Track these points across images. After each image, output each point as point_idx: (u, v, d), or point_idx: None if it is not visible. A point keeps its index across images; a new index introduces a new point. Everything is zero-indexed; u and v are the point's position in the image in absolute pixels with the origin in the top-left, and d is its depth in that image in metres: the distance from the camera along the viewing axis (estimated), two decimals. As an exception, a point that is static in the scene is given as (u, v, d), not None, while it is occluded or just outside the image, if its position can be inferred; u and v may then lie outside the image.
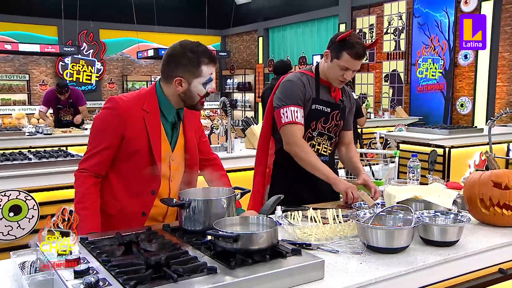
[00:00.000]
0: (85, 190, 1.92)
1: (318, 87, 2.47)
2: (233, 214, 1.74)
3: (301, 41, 13.64)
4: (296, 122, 2.37)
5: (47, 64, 14.14)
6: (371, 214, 1.84)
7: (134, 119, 1.92)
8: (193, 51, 1.91)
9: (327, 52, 2.44)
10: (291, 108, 2.37)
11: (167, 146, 2.00)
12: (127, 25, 14.20)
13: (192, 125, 2.13)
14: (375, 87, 11.41)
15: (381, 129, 8.25)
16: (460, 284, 1.69)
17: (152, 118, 1.95)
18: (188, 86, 1.93)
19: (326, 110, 2.48)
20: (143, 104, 1.96)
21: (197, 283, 1.29)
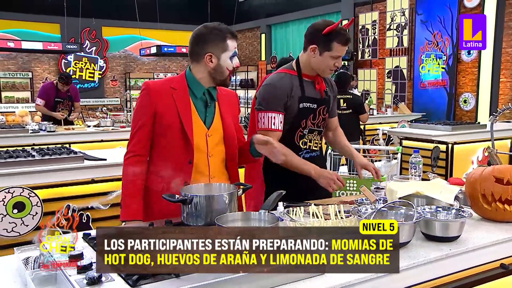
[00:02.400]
0: (130, 178, 2.04)
1: (302, 84, 2.46)
2: (235, 210, 1.75)
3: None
4: (271, 129, 2.38)
5: (50, 62, 14.18)
6: (373, 210, 1.84)
7: (163, 96, 2.05)
8: (217, 28, 2.07)
9: (314, 47, 2.40)
10: (268, 114, 2.38)
11: (199, 122, 2.09)
12: (130, 22, 14.23)
13: (228, 109, 2.20)
14: (378, 84, 11.40)
15: (384, 126, 8.24)
16: (462, 279, 1.70)
17: (180, 94, 2.08)
18: (218, 61, 2.06)
19: (313, 106, 2.48)
20: (172, 83, 2.10)
21: (199, 278, 1.30)
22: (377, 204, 1.99)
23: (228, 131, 2.16)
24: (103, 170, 3.76)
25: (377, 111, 9.82)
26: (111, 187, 3.75)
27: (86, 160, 3.79)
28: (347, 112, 5.86)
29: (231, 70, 2.10)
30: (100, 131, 6.37)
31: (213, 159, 2.11)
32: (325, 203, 2.25)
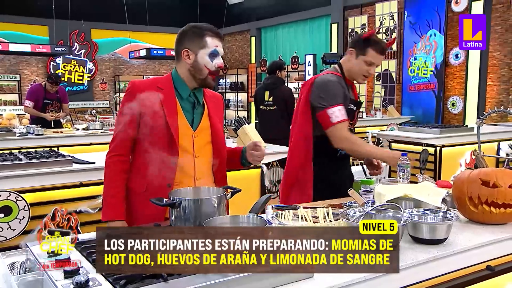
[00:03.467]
0: (112, 177, 2.03)
1: (347, 86, 2.68)
2: (224, 213, 1.75)
3: (294, 40, 13.67)
4: (344, 120, 2.56)
5: (38, 64, 14.08)
6: (361, 213, 1.85)
7: (150, 96, 2.02)
8: (196, 26, 2.09)
9: (352, 50, 2.64)
10: (338, 108, 2.55)
11: (185, 122, 2.07)
12: (119, 25, 14.17)
13: (216, 111, 2.20)
14: (367, 87, 11.46)
15: (373, 129, 8.29)
16: (449, 281, 1.71)
17: (166, 94, 2.06)
18: (195, 57, 2.05)
19: (353, 108, 2.71)
20: (158, 83, 2.09)
21: (187, 282, 1.30)
22: (366, 207, 1.99)
23: (216, 132, 2.16)
24: (92, 174, 3.73)
25: (366, 114, 9.88)
26: (100, 191, 3.70)
27: (74, 163, 3.76)
28: (337, 115, 5.88)
29: (211, 70, 2.06)
30: (89, 134, 6.33)
31: (199, 160, 2.10)
32: (314, 206, 2.25)
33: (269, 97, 6.07)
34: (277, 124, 5.97)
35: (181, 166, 2.05)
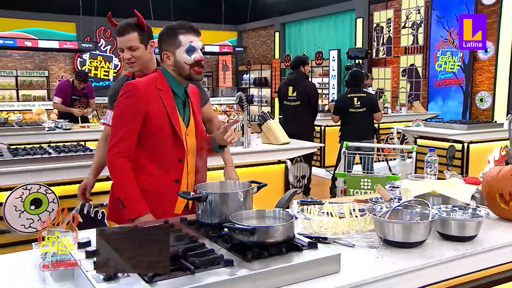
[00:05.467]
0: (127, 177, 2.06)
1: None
2: (250, 207, 1.76)
3: (318, 35, 13.57)
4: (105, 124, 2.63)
5: (65, 60, 14.31)
6: (388, 209, 1.83)
7: (152, 97, 2.09)
8: (169, 27, 2.16)
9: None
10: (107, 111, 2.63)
11: (181, 122, 2.16)
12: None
13: (196, 106, 2.27)
14: (392, 82, 11.31)
15: (398, 124, 8.18)
16: (478, 279, 1.68)
17: (166, 94, 2.13)
18: (174, 57, 2.12)
19: None
20: (156, 83, 2.14)
21: (214, 275, 1.31)
22: (392, 203, 1.97)
23: (198, 128, 2.24)
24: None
25: (391, 109, 9.75)
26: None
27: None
28: (361, 111, 5.83)
29: (191, 64, 2.10)
30: (115, 129, 6.40)
31: (190, 157, 2.19)
32: (340, 202, 2.24)
33: (293, 93, 6.05)
34: (300, 119, 5.95)
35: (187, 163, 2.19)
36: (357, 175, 3.65)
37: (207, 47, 14.58)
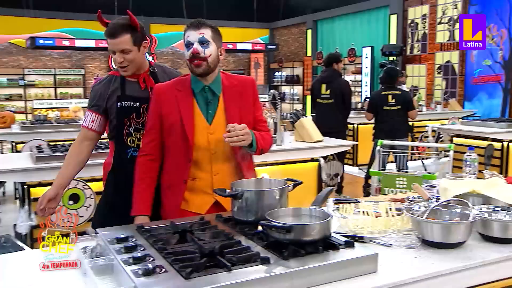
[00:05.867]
0: (140, 176, 2.16)
1: (123, 84, 2.37)
2: (286, 205, 1.75)
3: (351, 32, 13.41)
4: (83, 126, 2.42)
5: (101, 59, 14.62)
6: (426, 208, 1.79)
7: (168, 98, 2.14)
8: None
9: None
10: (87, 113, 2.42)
11: (202, 120, 2.11)
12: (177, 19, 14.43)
13: (237, 101, 2.16)
14: (427, 79, 11.07)
15: (433, 123, 8.02)
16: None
17: (183, 94, 2.13)
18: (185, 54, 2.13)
19: (135, 105, 2.35)
20: (177, 85, 2.17)
21: (250, 273, 1.31)
22: (431, 202, 1.93)
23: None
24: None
25: (426, 107, 9.55)
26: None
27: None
28: (395, 109, 5.73)
29: (189, 59, 2.08)
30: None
31: (216, 156, 2.11)
32: (376, 201, 2.21)
33: (326, 90, 6.00)
34: (334, 117, 5.89)
35: (198, 163, 2.11)
36: (392, 174, 3.59)
37: (239, 45, 14.62)
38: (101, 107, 2.36)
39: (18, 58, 13.54)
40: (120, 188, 2.32)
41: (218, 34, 2.14)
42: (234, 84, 2.18)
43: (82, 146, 2.39)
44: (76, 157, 2.38)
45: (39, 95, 13.55)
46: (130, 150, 2.35)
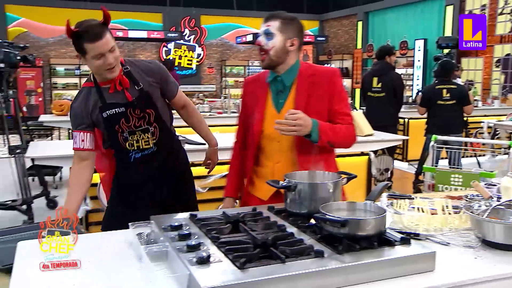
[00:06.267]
0: (231, 161, 2.38)
1: (101, 93, 2.25)
2: (339, 199, 1.72)
3: (403, 24, 13.05)
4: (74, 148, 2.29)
5: (152, 50, 14.93)
6: (487, 207, 1.72)
7: (250, 88, 2.28)
8: None
9: (77, 55, 2.18)
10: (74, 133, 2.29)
11: (272, 109, 2.16)
12: (227, 10, 14.54)
13: (312, 91, 2.11)
14: (484, 73, 10.64)
15: (489, 118, 7.70)
16: None
17: (261, 85, 2.21)
18: None
19: (121, 110, 2.26)
20: (260, 75, 2.26)
21: (304, 266, 1.29)
22: (492, 201, 1.85)
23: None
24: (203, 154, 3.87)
25: (482, 102, 9.18)
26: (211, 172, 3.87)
27: (187, 144, 3.93)
28: (450, 103, 5.53)
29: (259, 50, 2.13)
30: (198, 117, 6.58)
31: (281, 145, 2.12)
32: (431, 197, 2.14)
33: (377, 84, 5.86)
34: (385, 111, 5.76)
35: (265, 151, 2.19)
36: (447, 170, 3.47)
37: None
38: (87, 124, 2.26)
39: (75, 48, 14.04)
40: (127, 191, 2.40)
41: (289, 25, 2.11)
42: (309, 75, 2.14)
43: (80, 168, 2.27)
44: (78, 181, 2.26)
45: (93, 84, 14.02)
46: (132, 153, 2.34)
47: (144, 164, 2.36)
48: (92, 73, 2.27)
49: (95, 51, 2.07)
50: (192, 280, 1.24)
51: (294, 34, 2.12)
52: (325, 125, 2.03)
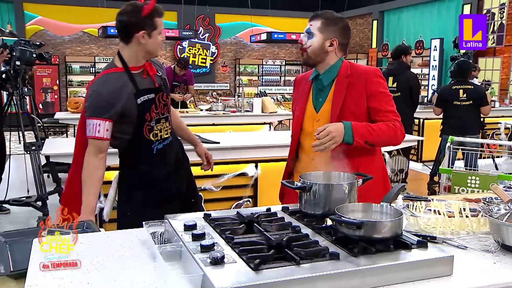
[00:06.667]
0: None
1: (133, 78, 2.26)
2: (355, 200, 1.70)
3: (419, 24, 12.92)
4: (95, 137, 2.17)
5: (166, 48, 14.97)
6: (507, 211, 1.68)
7: (297, 86, 2.36)
8: None
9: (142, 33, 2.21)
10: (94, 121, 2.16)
11: (311, 107, 2.23)
12: (242, 9, 14.52)
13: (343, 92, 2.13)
14: (502, 73, 10.48)
15: (507, 119, 7.58)
16: None
17: (304, 83, 2.30)
18: None
19: (151, 97, 2.28)
20: (307, 74, 2.34)
21: (319, 268, 1.27)
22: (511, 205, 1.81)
23: (335, 114, 2.12)
24: (216, 153, 3.85)
25: (499, 103, 9.04)
26: (223, 170, 3.87)
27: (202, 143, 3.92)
28: (467, 104, 5.46)
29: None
30: (211, 115, 6.60)
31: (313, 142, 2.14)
32: (448, 200, 2.11)
33: (393, 83, 5.80)
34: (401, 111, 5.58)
35: (303, 146, 2.26)
36: (463, 172, 3.42)
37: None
38: (115, 112, 2.18)
39: (90, 46, 14.16)
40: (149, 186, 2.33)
41: (329, 26, 2.15)
42: (348, 74, 2.16)
43: (100, 160, 2.19)
44: (96, 175, 2.18)
45: (108, 82, 14.13)
46: (155, 144, 2.32)
47: (164, 155, 2.37)
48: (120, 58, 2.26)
49: (162, 26, 2.28)
50: (206, 281, 1.23)
51: (334, 35, 2.15)
52: (360, 125, 2.03)
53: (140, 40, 2.21)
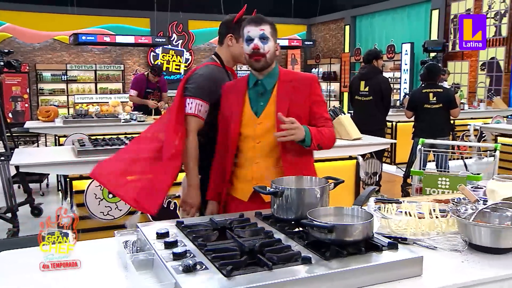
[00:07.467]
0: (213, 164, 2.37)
1: (229, 76, 2.52)
2: (327, 204, 1.72)
3: (390, 28, 13.15)
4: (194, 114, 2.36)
5: (140, 55, 14.85)
6: (474, 210, 1.72)
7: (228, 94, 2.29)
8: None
9: (230, 36, 2.47)
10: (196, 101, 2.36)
11: (249, 112, 2.20)
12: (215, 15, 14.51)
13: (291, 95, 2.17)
14: (470, 76, 10.74)
15: (475, 121, 7.77)
16: None
17: (238, 89, 2.26)
18: None
19: None
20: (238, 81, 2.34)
21: (291, 272, 1.28)
22: (478, 205, 1.85)
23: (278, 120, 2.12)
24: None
25: (468, 105, 9.26)
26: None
27: (174, 149, 3.90)
28: (437, 107, 5.57)
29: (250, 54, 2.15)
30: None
31: (261, 145, 2.17)
32: (418, 201, 2.15)
33: (365, 87, 5.89)
34: (372, 115, 5.78)
35: (242, 151, 2.21)
36: (434, 174, 3.48)
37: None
38: (215, 98, 2.36)
39: (62, 54, 13.94)
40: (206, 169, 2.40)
41: (275, 31, 2.22)
42: (290, 80, 2.22)
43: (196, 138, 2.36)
44: (196, 151, 2.35)
45: (80, 90, 13.92)
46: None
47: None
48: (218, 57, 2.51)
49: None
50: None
51: (276, 39, 2.23)
52: (314, 129, 2.11)
53: (228, 42, 2.47)
